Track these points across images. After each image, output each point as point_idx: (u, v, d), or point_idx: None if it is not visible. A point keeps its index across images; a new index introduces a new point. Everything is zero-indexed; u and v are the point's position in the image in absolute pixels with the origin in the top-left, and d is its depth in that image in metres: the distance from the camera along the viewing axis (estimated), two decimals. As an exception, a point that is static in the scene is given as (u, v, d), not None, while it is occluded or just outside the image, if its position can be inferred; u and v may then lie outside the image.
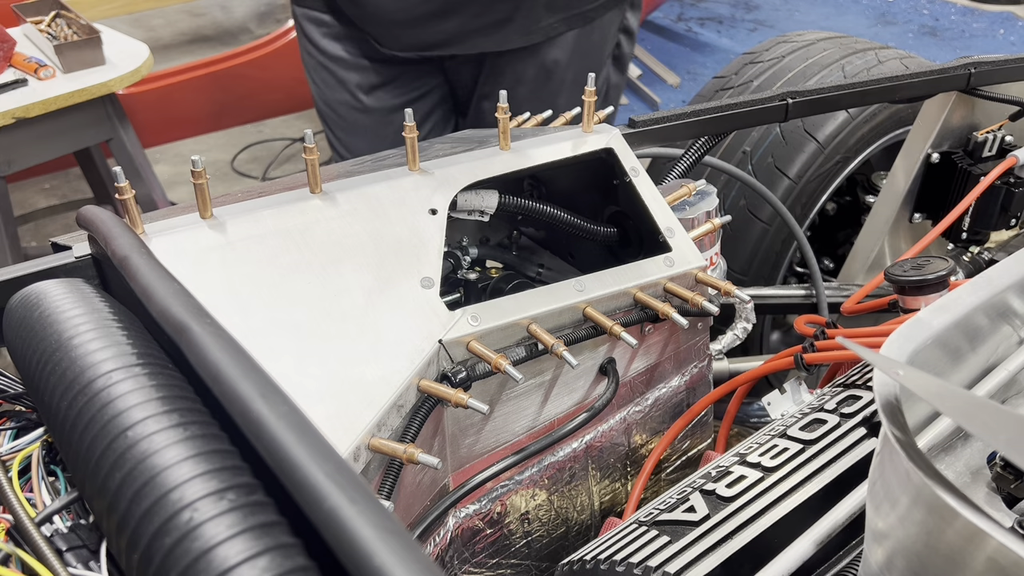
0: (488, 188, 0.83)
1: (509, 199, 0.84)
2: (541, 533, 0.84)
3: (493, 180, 0.82)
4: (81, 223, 0.62)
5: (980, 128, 1.34)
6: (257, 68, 3.02)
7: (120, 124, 2.23)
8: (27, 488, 0.49)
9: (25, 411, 0.56)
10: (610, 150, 0.87)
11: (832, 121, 1.59)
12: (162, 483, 0.37)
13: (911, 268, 0.96)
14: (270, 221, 0.73)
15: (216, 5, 4.33)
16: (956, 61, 1.29)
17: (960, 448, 0.55)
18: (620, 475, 0.89)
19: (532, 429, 0.79)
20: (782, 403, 0.92)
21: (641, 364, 0.85)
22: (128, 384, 0.42)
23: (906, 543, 0.42)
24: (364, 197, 0.77)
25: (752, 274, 1.67)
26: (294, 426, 0.35)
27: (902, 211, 1.42)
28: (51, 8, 2.29)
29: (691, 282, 0.83)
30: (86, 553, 0.45)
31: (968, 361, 0.55)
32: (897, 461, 0.41)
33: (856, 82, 1.16)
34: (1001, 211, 1.29)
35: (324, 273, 0.71)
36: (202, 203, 0.71)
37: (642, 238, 0.87)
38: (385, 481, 0.64)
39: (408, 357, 0.67)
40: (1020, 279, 0.55)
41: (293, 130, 3.65)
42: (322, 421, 0.62)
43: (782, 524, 0.60)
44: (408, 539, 0.31)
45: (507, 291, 0.90)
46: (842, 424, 0.67)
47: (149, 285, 0.47)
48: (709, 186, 0.97)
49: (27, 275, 0.66)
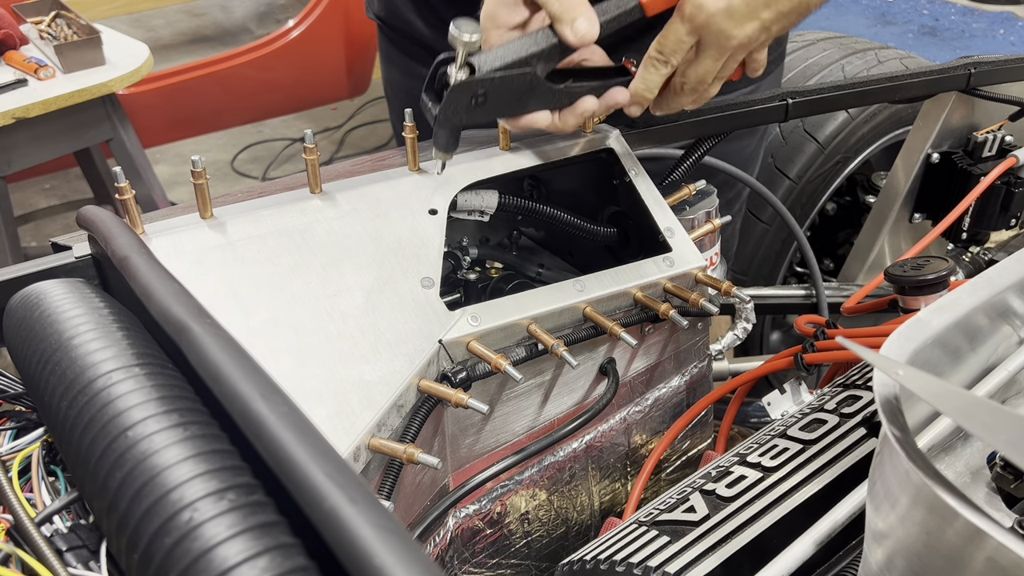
0: (488, 188, 0.83)
1: (509, 199, 0.84)
2: (541, 533, 0.84)
3: (493, 180, 0.82)
4: (81, 223, 0.62)
5: (980, 128, 1.34)
6: (257, 68, 3.02)
7: (120, 124, 2.23)
8: (27, 488, 0.49)
9: (25, 411, 0.56)
10: (610, 150, 0.87)
11: (832, 121, 1.59)
12: (162, 483, 0.37)
13: (911, 268, 0.96)
14: (270, 221, 0.73)
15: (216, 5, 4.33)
16: (956, 61, 1.29)
17: (960, 448, 0.55)
18: (620, 475, 0.89)
19: (532, 429, 0.79)
20: (782, 403, 0.92)
21: (641, 364, 0.85)
22: (128, 384, 0.42)
23: (906, 543, 0.42)
24: (364, 197, 0.77)
25: (752, 274, 1.67)
26: (294, 426, 0.35)
27: (902, 211, 1.42)
28: (51, 8, 2.29)
29: (691, 282, 0.83)
30: (86, 553, 0.45)
31: (968, 361, 0.55)
32: (897, 461, 0.41)
33: (856, 82, 1.16)
34: (1001, 211, 1.29)
35: (324, 273, 0.71)
36: (202, 203, 0.71)
37: (642, 238, 0.87)
38: (385, 481, 0.64)
39: (408, 357, 0.67)
40: (1020, 279, 0.55)
41: (293, 130, 3.66)
42: (322, 421, 0.62)
43: (782, 524, 0.60)
44: (408, 539, 0.31)
45: (507, 291, 0.90)
46: (842, 424, 0.67)
47: (149, 285, 0.47)
48: (709, 186, 0.97)
49: (27, 275, 0.66)
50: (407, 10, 1.14)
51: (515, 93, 0.71)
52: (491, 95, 0.69)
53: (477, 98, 0.69)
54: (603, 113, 0.77)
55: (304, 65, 3.12)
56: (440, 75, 0.69)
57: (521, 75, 0.70)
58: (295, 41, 3.05)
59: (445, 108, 0.68)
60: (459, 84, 0.67)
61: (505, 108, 0.72)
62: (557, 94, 0.73)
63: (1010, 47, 4.46)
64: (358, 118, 3.74)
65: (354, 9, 3.08)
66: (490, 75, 0.68)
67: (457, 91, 0.67)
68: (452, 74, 0.67)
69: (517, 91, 0.71)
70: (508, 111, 0.73)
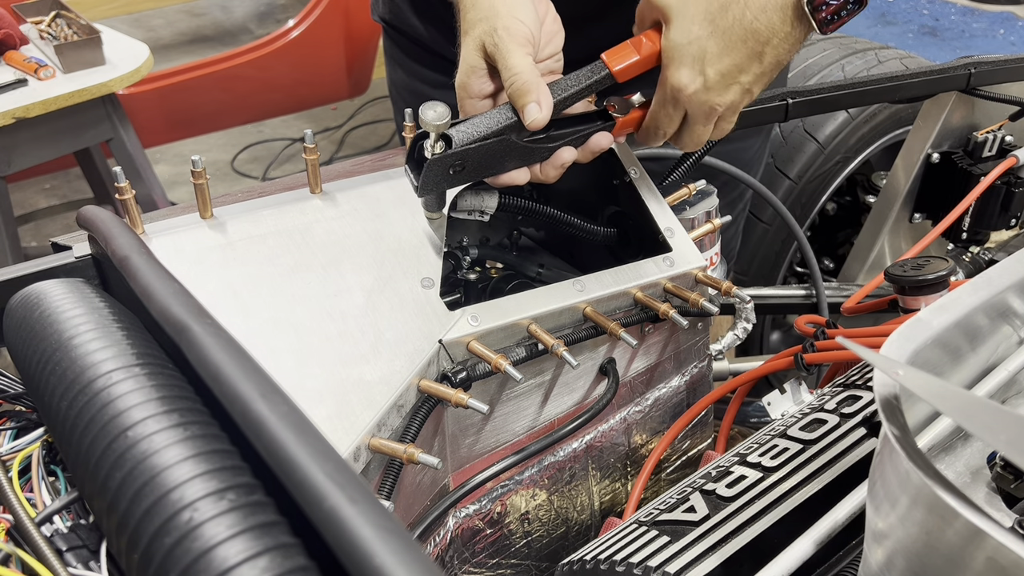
0: (488, 188, 0.83)
1: (509, 199, 0.84)
2: (541, 533, 0.84)
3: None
4: (81, 223, 0.62)
5: (980, 128, 1.34)
6: (257, 68, 3.02)
7: (120, 124, 2.23)
8: (27, 488, 0.49)
9: (25, 411, 0.56)
10: (610, 150, 0.87)
11: (832, 121, 1.59)
12: (162, 483, 0.37)
13: (911, 268, 0.96)
14: (270, 221, 0.73)
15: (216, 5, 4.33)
16: (956, 61, 1.29)
17: (960, 448, 0.55)
18: (620, 475, 0.89)
19: (532, 429, 0.79)
20: (782, 403, 0.92)
21: (641, 364, 0.85)
22: (128, 384, 0.42)
23: (906, 543, 0.42)
24: (364, 197, 0.77)
25: (752, 274, 1.67)
26: (294, 426, 0.35)
27: (902, 211, 1.42)
28: (51, 8, 2.29)
29: (691, 282, 0.83)
30: (86, 553, 0.45)
31: (968, 361, 0.55)
32: (897, 461, 0.41)
33: (856, 82, 1.16)
34: (1001, 211, 1.29)
35: (324, 273, 0.71)
36: (202, 203, 0.71)
37: (642, 238, 0.87)
38: (385, 481, 0.64)
39: (408, 357, 0.67)
40: (1020, 279, 0.55)
41: (293, 130, 3.66)
42: (322, 421, 0.62)
43: (782, 524, 0.60)
44: (408, 539, 0.31)
45: (507, 291, 0.90)
46: (842, 424, 0.67)
47: (149, 285, 0.47)
48: (709, 186, 0.97)
49: (27, 275, 0.67)
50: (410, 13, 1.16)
51: (493, 157, 0.73)
52: (469, 163, 0.72)
53: (455, 167, 0.71)
54: (586, 160, 0.78)
55: (304, 65, 3.12)
56: (419, 149, 0.71)
57: (497, 142, 0.72)
58: (295, 41, 3.05)
59: (425, 179, 0.71)
60: (435, 159, 0.70)
61: (484, 171, 0.74)
62: (535, 151, 0.75)
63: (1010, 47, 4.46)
64: (358, 118, 3.74)
65: (354, 9, 3.08)
66: (465, 147, 0.71)
67: (434, 165, 0.70)
68: (428, 150, 0.70)
69: (494, 155, 0.73)
70: (487, 172, 0.75)
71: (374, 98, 3.65)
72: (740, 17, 0.69)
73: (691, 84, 0.72)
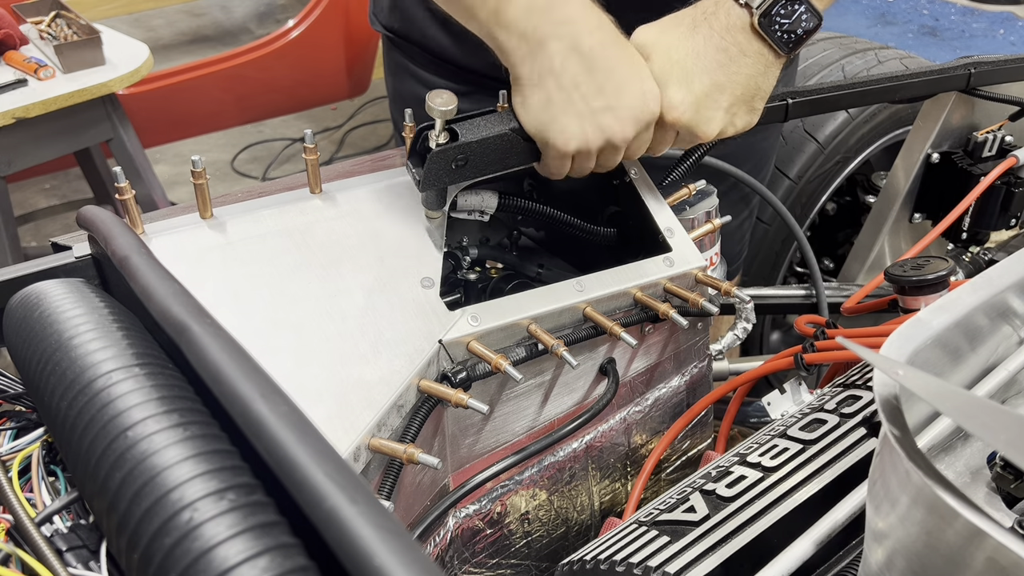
0: (488, 188, 0.83)
1: (509, 199, 0.84)
2: (541, 533, 0.84)
3: (493, 180, 0.82)
4: (81, 223, 0.62)
5: (980, 128, 1.34)
6: (257, 68, 3.02)
7: (120, 124, 2.23)
8: (27, 488, 0.49)
9: (25, 411, 0.56)
10: (610, 150, 0.87)
11: (832, 121, 1.59)
12: (162, 483, 0.37)
13: (911, 268, 0.96)
14: (270, 221, 0.73)
15: (216, 5, 4.33)
16: (956, 61, 1.29)
17: (960, 448, 0.55)
18: (620, 475, 0.89)
19: (532, 429, 0.79)
20: (782, 403, 0.92)
21: (641, 364, 0.85)
22: (128, 384, 0.42)
23: (906, 543, 0.42)
24: (364, 197, 0.77)
25: (752, 274, 1.67)
26: (294, 426, 0.35)
27: (902, 211, 1.42)
28: (51, 8, 2.28)
29: (691, 282, 0.83)
30: (86, 553, 0.45)
31: (968, 361, 0.55)
32: (897, 461, 0.41)
33: (856, 82, 1.16)
34: (1001, 211, 1.29)
35: (324, 273, 0.71)
36: (202, 203, 0.71)
37: (642, 238, 0.87)
38: (385, 481, 0.64)
39: (408, 357, 0.67)
40: (1020, 279, 0.55)
41: (293, 130, 3.66)
42: (322, 421, 0.62)
43: (782, 524, 0.60)
44: (408, 539, 0.31)
45: (507, 291, 0.90)
46: (842, 424, 0.67)
47: (149, 285, 0.47)
48: (709, 186, 0.97)
49: (27, 275, 0.67)
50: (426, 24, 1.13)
51: (496, 153, 0.74)
52: (471, 158, 0.72)
53: (458, 161, 0.72)
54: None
55: (304, 65, 3.12)
56: (422, 140, 0.72)
57: (500, 138, 0.73)
58: (295, 41, 3.05)
59: (428, 172, 0.71)
60: (439, 151, 0.70)
61: (487, 167, 0.75)
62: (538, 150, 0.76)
63: (1010, 47, 4.46)
64: (358, 118, 3.74)
65: (354, 9, 3.08)
66: (470, 141, 0.71)
67: (438, 157, 0.70)
68: (433, 140, 0.70)
69: (498, 151, 0.74)
70: (490, 169, 0.76)
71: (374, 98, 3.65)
72: (708, 36, 0.75)
73: (681, 103, 0.76)
